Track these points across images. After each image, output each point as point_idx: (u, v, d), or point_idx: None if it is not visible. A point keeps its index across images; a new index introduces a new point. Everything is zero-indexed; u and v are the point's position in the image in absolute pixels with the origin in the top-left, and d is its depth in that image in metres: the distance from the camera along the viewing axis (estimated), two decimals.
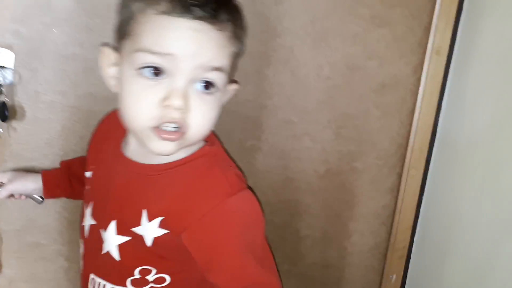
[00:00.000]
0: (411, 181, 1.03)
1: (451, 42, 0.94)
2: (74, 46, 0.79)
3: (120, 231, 0.62)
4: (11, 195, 0.77)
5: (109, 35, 0.77)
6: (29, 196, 0.79)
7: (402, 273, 1.07)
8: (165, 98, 0.54)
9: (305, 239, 1.03)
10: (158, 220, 0.60)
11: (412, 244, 1.06)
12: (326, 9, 0.88)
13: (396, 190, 1.04)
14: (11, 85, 0.77)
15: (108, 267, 0.65)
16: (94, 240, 0.65)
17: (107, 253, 0.63)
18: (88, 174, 0.70)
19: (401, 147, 1.01)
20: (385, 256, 1.07)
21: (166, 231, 0.60)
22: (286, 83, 0.91)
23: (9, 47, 0.76)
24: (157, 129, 0.56)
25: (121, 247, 0.62)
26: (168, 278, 0.64)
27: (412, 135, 0.99)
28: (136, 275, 0.63)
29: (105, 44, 0.61)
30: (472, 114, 0.90)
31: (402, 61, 0.95)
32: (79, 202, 0.85)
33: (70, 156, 0.83)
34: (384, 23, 0.91)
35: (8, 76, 0.77)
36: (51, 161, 0.83)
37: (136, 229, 0.61)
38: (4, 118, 0.76)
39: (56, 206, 0.86)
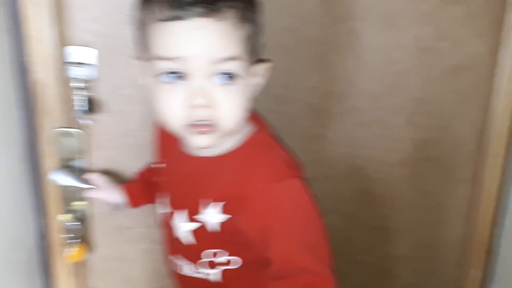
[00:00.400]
0: (491, 170, 0.95)
1: None
2: None
3: (191, 219, 0.66)
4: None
5: None
6: (113, 204, 0.85)
7: (483, 267, 1.00)
8: (188, 99, 0.56)
9: (377, 229, 1.00)
10: (219, 206, 0.63)
11: (494, 238, 0.99)
12: None
13: (475, 179, 0.97)
14: (94, 81, 0.84)
15: (185, 250, 0.69)
16: (171, 226, 0.70)
17: (183, 237, 0.67)
18: (161, 166, 0.75)
19: (479, 133, 0.94)
20: (464, 249, 1.01)
21: (229, 216, 0.62)
22: (352, 68, 0.90)
23: (90, 44, 0.82)
24: (191, 125, 0.58)
25: (194, 232, 0.66)
26: (240, 260, 0.66)
27: (490, 120, 0.92)
28: (210, 257, 0.66)
29: (134, 57, 0.65)
30: None
31: (477, 40, 0.88)
32: None
33: (146, 145, 0.88)
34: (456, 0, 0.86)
35: (92, 72, 0.83)
36: (129, 149, 0.89)
37: (204, 217, 0.64)
38: (90, 111, 0.83)
39: None
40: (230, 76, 0.57)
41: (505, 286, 0.97)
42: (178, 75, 0.56)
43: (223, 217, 0.63)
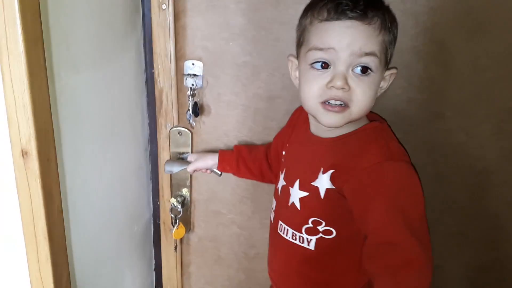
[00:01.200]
0: None
1: None
2: (245, 56, 0.97)
3: (301, 187, 0.79)
4: (197, 170, 1.00)
5: (272, 44, 0.94)
6: (210, 170, 1.01)
7: None
8: (330, 82, 0.71)
9: (457, 236, 1.01)
10: (329, 173, 0.75)
11: None
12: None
13: None
14: (201, 89, 1.01)
15: (291, 216, 0.82)
16: (284, 196, 0.84)
17: (292, 204, 0.81)
18: (283, 152, 0.89)
19: None
20: None
21: (334, 187, 0.74)
22: (438, 76, 0.92)
23: (199, 59, 0.99)
24: (324, 104, 0.72)
25: (302, 200, 0.79)
26: (334, 232, 0.77)
27: None
28: (310, 224, 0.78)
29: (291, 55, 0.81)
30: None
31: None
32: (249, 182, 1.05)
33: (242, 143, 1.03)
34: None
35: (199, 82, 1.00)
36: (228, 147, 1.04)
37: (314, 183, 0.76)
38: (196, 115, 1.00)
39: (232, 183, 1.07)
40: (366, 68, 0.71)
41: None
42: (325, 65, 0.72)
43: (329, 185, 0.75)
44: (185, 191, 1.08)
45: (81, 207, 0.85)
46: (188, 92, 0.99)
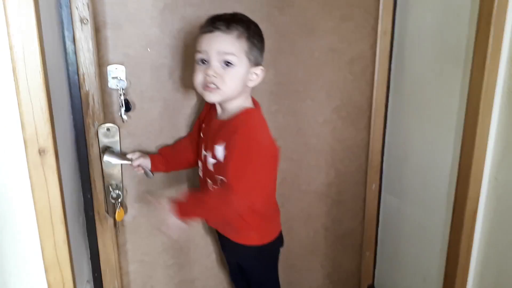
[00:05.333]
0: None
1: None
2: (161, 59, 1.22)
3: (212, 156, 1.11)
4: (138, 166, 1.21)
5: (182, 49, 1.22)
6: (144, 170, 1.22)
7: None
8: (206, 72, 1.04)
9: None
10: (222, 146, 1.08)
11: None
12: None
13: None
14: (125, 88, 1.20)
15: (210, 175, 1.13)
16: (205, 161, 1.15)
17: (209, 167, 1.13)
18: (203, 126, 1.19)
19: None
20: None
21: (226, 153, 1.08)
22: (290, 66, 1.38)
23: (122, 63, 1.18)
24: (206, 87, 1.05)
25: (214, 165, 1.12)
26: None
27: None
28: (219, 180, 1.11)
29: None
30: None
31: None
32: None
33: (165, 130, 1.28)
34: None
35: (123, 83, 1.19)
36: (153, 136, 1.27)
37: (217, 154, 1.09)
38: (129, 110, 1.20)
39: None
40: (228, 63, 1.04)
41: None
42: (203, 61, 1.05)
43: (224, 153, 1.08)
44: (116, 181, 1.25)
45: None
46: (119, 91, 1.18)
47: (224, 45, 1.03)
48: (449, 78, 1.23)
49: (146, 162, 1.22)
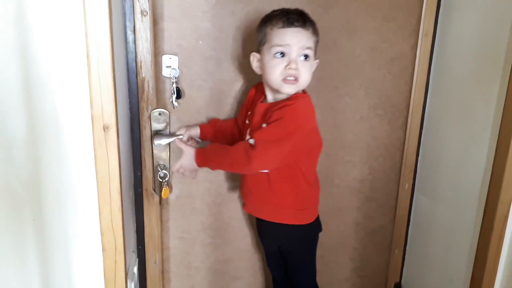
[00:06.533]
0: None
1: None
2: (210, 51, 1.32)
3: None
4: (190, 137, 1.31)
5: (230, 42, 1.31)
6: (195, 140, 1.32)
7: None
8: (286, 66, 1.12)
9: None
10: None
11: None
12: None
13: None
14: (177, 77, 1.31)
15: None
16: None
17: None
18: (248, 114, 1.27)
19: None
20: None
21: None
22: (333, 62, 1.44)
23: (175, 54, 1.29)
24: (285, 79, 1.13)
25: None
26: None
27: None
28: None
29: (253, 51, 1.19)
30: None
31: None
32: None
33: (211, 118, 1.37)
34: None
35: (176, 72, 1.30)
36: (199, 122, 1.37)
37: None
38: (179, 97, 1.30)
39: None
40: (307, 56, 1.13)
41: None
42: (282, 54, 1.12)
43: None
44: (164, 162, 1.36)
45: None
46: (172, 80, 1.28)
47: (305, 40, 1.12)
48: (488, 82, 1.25)
49: (195, 133, 1.32)
